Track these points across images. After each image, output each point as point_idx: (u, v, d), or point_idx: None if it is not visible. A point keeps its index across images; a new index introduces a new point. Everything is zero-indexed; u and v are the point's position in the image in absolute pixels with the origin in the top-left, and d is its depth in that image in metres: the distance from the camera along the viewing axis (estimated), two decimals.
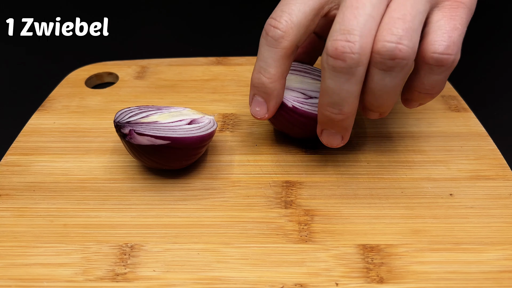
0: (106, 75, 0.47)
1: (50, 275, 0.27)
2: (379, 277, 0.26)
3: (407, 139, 0.37)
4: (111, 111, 0.41)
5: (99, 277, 0.27)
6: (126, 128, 0.30)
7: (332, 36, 0.26)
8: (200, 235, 0.29)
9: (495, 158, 0.35)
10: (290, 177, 0.33)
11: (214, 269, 0.27)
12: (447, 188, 0.32)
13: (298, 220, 0.30)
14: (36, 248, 0.28)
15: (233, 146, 0.36)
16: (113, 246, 0.28)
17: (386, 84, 0.27)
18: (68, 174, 0.34)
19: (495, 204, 0.31)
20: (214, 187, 0.33)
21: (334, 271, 0.27)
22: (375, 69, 0.26)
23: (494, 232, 0.29)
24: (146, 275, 0.27)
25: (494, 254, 0.28)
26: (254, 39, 0.56)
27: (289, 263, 0.27)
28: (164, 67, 0.47)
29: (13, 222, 0.30)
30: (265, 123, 0.39)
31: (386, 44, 0.25)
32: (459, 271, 0.27)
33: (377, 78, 0.27)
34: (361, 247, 0.28)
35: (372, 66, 0.26)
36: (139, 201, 0.31)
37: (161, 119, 0.31)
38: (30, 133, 0.38)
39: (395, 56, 0.25)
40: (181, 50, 0.52)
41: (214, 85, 0.44)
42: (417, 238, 0.29)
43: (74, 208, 0.31)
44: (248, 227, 0.30)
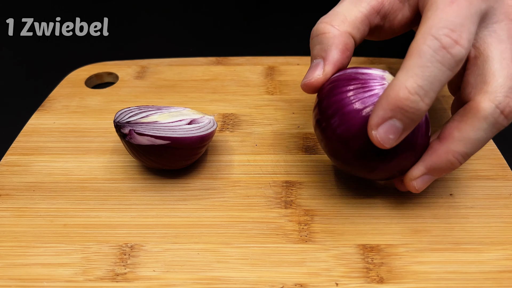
0: (106, 75, 0.47)
1: (50, 275, 0.27)
2: (379, 277, 0.26)
3: None
4: (111, 111, 0.41)
5: (99, 277, 0.27)
6: (126, 128, 0.30)
7: (501, 92, 0.25)
8: (200, 235, 0.29)
9: (495, 158, 0.35)
10: (290, 177, 0.33)
11: (214, 269, 0.27)
12: (447, 188, 0.32)
13: (298, 220, 0.30)
14: (36, 248, 0.28)
15: (233, 146, 0.36)
16: (113, 246, 0.28)
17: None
18: (68, 174, 0.34)
19: (495, 204, 0.31)
20: (214, 187, 0.33)
21: (334, 271, 0.27)
22: None
23: (494, 232, 0.29)
24: (146, 275, 0.27)
25: (494, 254, 0.28)
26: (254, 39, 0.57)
27: (289, 263, 0.27)
28: (164, 67, 0.47)
29: (13, 222, 0.30)
30: (265, 123, 0.39)
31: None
32: (459, 271, 0.27)
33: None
34: (361, 247, 0.28)
35: None
36: (139, 201, 0.31)
37: (161, 119, 0.31)
38: (30, 133, 0.38)
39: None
40: (181, 50, 0.52)
41: (214, 85, 0.44)
42: (417, 238, 0.29)
43: (74, 208, 0.31)
44: (248, 227, 0.30)
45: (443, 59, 0.23)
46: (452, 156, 0.26)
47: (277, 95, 0.43)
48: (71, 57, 0.52)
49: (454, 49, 0.23)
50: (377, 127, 0.24)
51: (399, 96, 0.23)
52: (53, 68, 0.49)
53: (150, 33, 0.58)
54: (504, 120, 0.25)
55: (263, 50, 0.51)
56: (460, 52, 0.23)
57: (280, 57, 0.48)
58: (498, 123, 0.25)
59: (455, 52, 0.23)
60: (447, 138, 0.26)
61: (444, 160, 0.27)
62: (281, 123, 0.39)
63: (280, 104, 0.41)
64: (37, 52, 0.54)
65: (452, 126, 0.26)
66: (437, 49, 0.23)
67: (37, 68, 0.51)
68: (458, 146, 0.26)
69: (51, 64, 0.51)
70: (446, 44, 0.23)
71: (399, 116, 0.24)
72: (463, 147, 0.26)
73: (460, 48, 0.23)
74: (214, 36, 0.57)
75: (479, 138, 0.26)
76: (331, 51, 0.28)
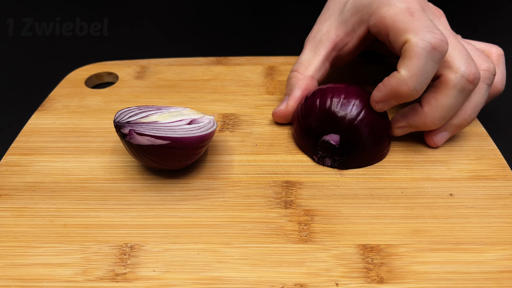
0: (106, 75, 0.47)
1: (50, 275, 0.27)
2: (379, 277, 0.26)
3: (407, 139, 0.37)
4: (111, 111, 0.41)
5: (99, 277, 0.27)
6: (126, 128, 0.30)
7: (461, 64, 0.31)
8: (200, 235, 0.29)
9: (495, 158, 0.35)
10: (290, 177, 0.33)
11: (214, 269, 0.27)
12: (447, 188, 0.32)
13: (298, 220, 0.30)
14: (36, 248, 0.28)
15: (233, 146, 0.36)
16: (113, 246, 0.28)
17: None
18: (68, 174, 0.34)
19: (495, 204, 0.31)
20: (214, 187, 0.33)
21: (334, 271, 0.27)
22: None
23: (494, 232, 0.29)
24: (146, 275, 0.27)
25: (494, 254, 0.28)
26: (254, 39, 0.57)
27: (289, 263, 0.27)
28: (164, 67, 0.47)
29: (13, 222, 0.30)
30: (265, 123, 0.39)
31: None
32: (459, 271, 0.27)
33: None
34: (361, 247, 0.28)
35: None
36: (139, 201, 0.31)
37: (161, 119, 0.31)
38: (30, 133, 0.38)
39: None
40: (181, 49, 0.52)
41: (214, 85, 0.44)
42: (417, 238, 0.29)
43: (74, 208, 0.31)
44: (248, 227, 0.30)
45: (434, 57, 0.30)
46: (430, 119, 0.33)
47: (277, 95, 0.43)
48: (71, 57, 0.52)
49: (441, 47, 0.29)
50: (376, 102, 0.33)
51: (399, 90, 0.31)
52: (53, 68, 0.49)
53: (150, 33, 0.58)
54: (470, 85, 0.31)
55: (263, 50, 0.51)
56: (445, 48, 0.30)
57: (280, 57, 0.48)
58: (466, 88, 0.31)
59: (442, 49, 0.30)
60: (425, 104, 0.33)
61: (422, 121, 0.33)
62: (281, 123, 0.39)
63: None
64: (37, 52, 0.54)
65: (430, 96, 0.32)
66: (429, 50, 0.29)
67: (37, 68, 0.51)
68: (434, 112, 0.32)
69: (51, 64, 0.51)
70: (435, 44, 0.29)
71: (395, 100, 0.32)
72: (439, 113, 0.32)
73: (444, 44, 0.30)
74: (214, 36, 0.57)
75: (451, 103, 0.32)
76: (294, 90, 0.37)
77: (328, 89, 0.34)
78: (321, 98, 0.34)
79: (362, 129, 0.33)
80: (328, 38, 0.37)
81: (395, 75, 0.31)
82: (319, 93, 0.35)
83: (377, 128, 0.33)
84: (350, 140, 0.33)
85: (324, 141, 0.33)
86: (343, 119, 0.33)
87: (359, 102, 0.33)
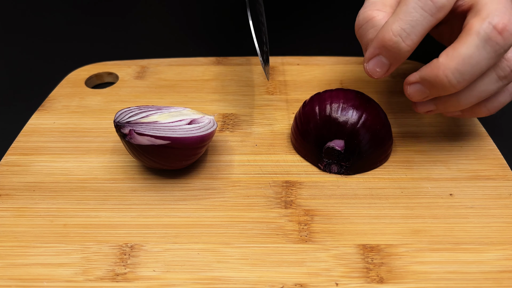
0: (106, 75, 0.47)
1: (50, 275, 0.27)
2: (379, 277, 0.26)
3: (407, 139, 0.37)
4: (111, 111, 0.41)
5: (99, 277, 0.27)
6: (126, 128, 0.30)
7: (495, 12, 0.26)
8: (200, 235, 0.29)
9: (495, 158, 0.35)
10: (290, 177, 0.33)
11: (214, 269, 0.27)
12: (447, 188, 0.32)
13: (298, 220, 0.30)
14: (36, 248, 0.28)
15: (233, 146, 0.36)
16: (113, 246, 0.28)
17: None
18: (68, 174, 0.34)
19: (495, 204, 0.31)
20: (214, 187, 0.33)
21: (334, 271, 0.27)
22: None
23: (494, 232, 0.29)
24: (146, 275, 0.27)
25: (494, 254, 0.28)
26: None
27: (289, 263, 0.27)
28: (164, 67, 0.47)
29: (13, 222, 0.30)
30: (265, 123, 0.39)
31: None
32: (459, 271, 0.27)
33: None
34: (361, 247, 0.28)
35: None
36: (139, 201, 0.31)
37: (161, 119, 0.31)
38: (30, 133, 0.38)
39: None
40: (181, 49, 0.52)
41: (214, 85, 0.44)
42: (417, 238, 0.29)
43: (74, 208, 0.31)
44: (248, 227, 0.30)
45: (424, 5, 0.26)
46: (442, 71, 0.27)
47: (277, 95, 0.43)
48: (71, 57, 0.52)
49: (503, 35, 0.25)
50: (368, 61, 0.29)
51: (384, 37, 0.28)
52: (53, 68, 0.49)
53: (150, 33, 0.58)
54: (497, 36, 0.26)
55: None
56: (440, 0, 0.26)
57: (280, 57, 0.48)
58: (491, 39, 0.26)
59: (502, 39, 0.26)
60: (442, 54, 0.28)
61: (435, 73, 0.27)
62: (281, 123, 0.39)
63: (280, 104, 0.41)
64: (37, 52, 0.54)
65: (449, 46, 0.27)
66: (487, 38, 0.26)
67: (37, 68, 0.50)
68: (449, 61, 0.27)
69: (51, 64, 0.51)
70: (495, 31, 0.25)
71: (384, 53, 0.28)
72: (454, 63, 0.27)
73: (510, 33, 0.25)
74: (214, 36, 0.57)
75: (471, 55, 0.26)
76: (395, 65, 0.29)
77: (326, 95, 0.34)
78: (320, 105, 0.34)
79: (365, 132, 0.32)
80: None
81: (383, 25, 0.28)
82: (317, 99, 0.34)
83: (379, 130, 0.33)
84: (355, 144, 0.32)
85: (329, 147, 0.33)
86: (345, 124, 0.32)
87: (358, 105, 0.33)
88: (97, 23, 0.60)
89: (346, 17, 0.35)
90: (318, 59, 0.48)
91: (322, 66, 0.47)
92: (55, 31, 0.58)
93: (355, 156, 0.33)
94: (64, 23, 0.60)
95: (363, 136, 0.32)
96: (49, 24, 0.60)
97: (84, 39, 0.57)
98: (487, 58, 0.26)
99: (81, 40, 0.56)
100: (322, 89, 0.43)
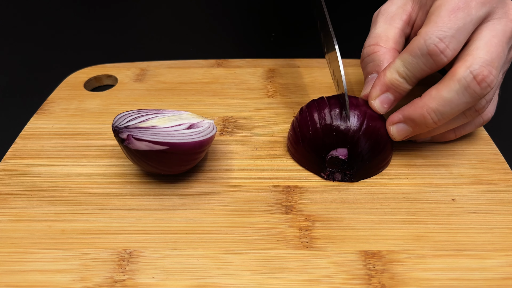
0: (105, 78, 0.46)
1: (47, 281, 0.26)
2: (381, 284, 0.26)
3: (409, 143, 0.36)
4: (110, 114, 0.40)
5: (97, 284, 0.26)
6: (124, 133, 0.29)
7: (478, 62, 0.29)
8: (200, 241, 0.29)
9: (497, 163, 0.34)
10: (290, 182, 0.33)
11: (213, 276, 0.27)
12: (449, 193, 0.32)
13: (299, 226, 0.30)
14: (34, 254, 0.28)
15: (233, 150, 0.36)
16: (112, 252, 0.28)
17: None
18: (67, 179, 0.33)
19: (498, 209, 0.31)
20: (213, 192, 0.32)
21: (336, 278, 0.26)
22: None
23: (497, 238, 0.29)
24: (145, 282, 0.26)
25: (497, 260, 0.27)
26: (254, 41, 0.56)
27: (290, 270, 0.27)
28: (163, 70, 0.47)
29: (10, 227, 0.30)
30: (266, 127, 0.38)
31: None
32: (462, 278, 0.26)
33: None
34: (362, 253, 0.28)
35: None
36: (138, 206, 0.31)
37: (160, 123, 0.31)
38: (29, 136, 0.38)
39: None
40: (181, 52, 0.52)
41: (214, 87, 0.44)
42: (419, 244, 0.28)
43: (72, 213, 0.31)
44: (248, 233, 0.29)
45: (426, 61, 0.30)
46: (426, 110, 0.30)
47: (277, 98, 0.42)
48: (70, 60, 0.51)
49: (438, 57, 0.29)
50: (375, 98, 0.33)
51: (392, 78, 0.31)
52: (51, 71, 0.49)
53: (150, 35, 0.58)
54: (476, 86, 0.29)
55: (263, 53, 0.51)
56: (442, 60, 0.29)
57: (281, 60, 0.48)
58: (470, 87, 0.29)
59: (437, 59, 0.29)
60: (425, 95, 0.31)
61: (419, 112, 0.31)
62: (282, 127, 0.38)
63: (280, 107, 0.41)
64: (36, 54, 0.54)
65: (432, 87, 0.30)
66: (424, 53, 0.29)
67: (36, 71, 0.50)
68: (432, 102, 0.30)
69: (50, 67, 0.51)
70: (432, 51, 0.29)
71: (391, 91, 0.32)
72: (436, 104, 0.30)
73: (443, 57, 0.29)
74: (214, 38, 0.57)
75: (451, 98, 0.29)
76: (383, 65, 0.33)
77: (323, 102, 0.34)
78: (319, 113, 0.33)
79: (367, 138, 0.32)
80: (403, 11, 0.35)
81: (389, 65, 0.31)
82: (314, 107, 0.34)
83: (381, 135, 0.33)
84: (358, 152, 0.32)
85: (332, 157, 0.32)
86: (347, 132, 0.32)
87: (358, 112, 0.32)
88: (96, 25, 0.60)
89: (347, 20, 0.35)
90: (319, 62, 0.47)
91: (323, 68, 0.46)
92: (54, 33, 0.58)
93: (359, 163, 0.32)
94: (62, 26, 0.60)
95: (366, 143, 0.32)
96: (48, 27, 0.59)
97: (83, 41, 0.56)
98: (465, 102, 0.30)
99: (80, 42, 0.56)
100: (323, 92, 0.43)
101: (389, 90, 0.32)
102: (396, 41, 0.34)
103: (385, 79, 0.32)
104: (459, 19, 0.29)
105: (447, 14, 0.29)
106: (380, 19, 0.35)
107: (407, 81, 0.31)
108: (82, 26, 0.60)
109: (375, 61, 0.34)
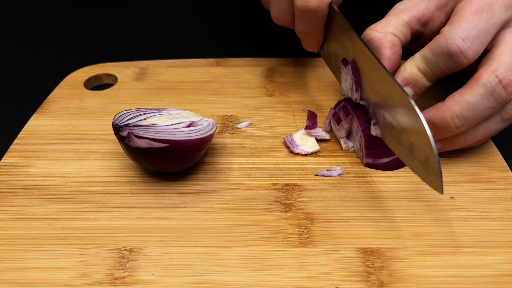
0: (105, 77, 0.47)
1: (48, 279, 0.27)
2: (380, 281, 0.26)
3: None
4: (110, 113, 0.40)
5: (97, 281, 0.26)
6: (124, 131, 0.30)
7: (504, 67, 0.29)
8: (199, 239, 0.29)
9: (496, 161, 0.35)
10: (289, 180, 0.33)
11: (213, 273, 0.27)
12: (447, 191, 0.32)
13: (298, 223, 0.30)
14: (34, 251, 0.28)
15: (233, 148, 0.36)
16: (112, 250, 0.28)
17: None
18: (67, 177, 0.34)
19: (496, 207, 0.31)
20: (213, 190, 0.32)
21: (334, 275, 0.27)
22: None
23: (495, 236, 0.29)
24: (145, 279, 0.27)
25: (495, 257, 0.27)
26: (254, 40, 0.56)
27: (289, 267, 0.27)
28: (163, 69, 0.47)
29: (11, 225, 0.30)
30: (265, 125, 0.39)
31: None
32: (460, 275, 0.27)
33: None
34: (361, 251, 0.28)
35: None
36: (138, 204, 0.31)
37: (160, 121, 0.31)
38: (29, 135, 0.38)
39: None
40: (180, 51, 0.52)
41: (214, 86, 0.44)
42: (418, 242, 0.28)
43: (72, 211, 0.31)
44: (248, 230, 0.29)
45: (445, 60, 0.30)
46: (448, 114, 0.30)
47: (277, 97, 0.42)
48: (70, 59, 0.51)
49: (458, 58, 0.29)
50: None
51: (411, 72, 0.31)
52: (51, 70, 0.49)
53: (149, 34, 0.58)
54: (501, 91, 0.29)
55: (263, 52, 0.51)
56: (462, 62, 0.29)
57: (280, 59, 0.48)
58: (495, 92, 0.29)
59: (458, 60, 0.29)
60: (448, 99, 0.30)
61: (441, 116, 0.30)
62: (281, 125, 0.39)
63: (280, 106, 0.41)
64: (36, 53, 0.54)
65: (456, 91, 0.30)
66: (444, 52, 0.29)
67: (36, 70, 0.50)
68: (455, 106, 0.29)
69: (50, 66, 0.51)
70: (453, 51, 0.29)
71: (410, 85, 0.32)
72: (459, 108, 0.29)
73: (463, 58, 0.29)
74: (214, 37, 0.57)
75: (475, 103, 0.29)
76: (382, 51, 0.32)
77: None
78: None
79: None
80: (416, 7, 0.34)
81: (409, 61, 0.31)
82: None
83: None
84: None
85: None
86: None
87: None
88: (96, 24, 0.60)
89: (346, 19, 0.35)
90: (318, 60, 0.47)
91: (322, 67, 0.46)
92: (54, 32, 0.58)
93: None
94: (62, 25, 0.60)
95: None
96: (48, 26, 0.60)
97: (83, 40, 0.56)
98: (490, 107, 0.29)
99: (80, 41, 0.56)
100: (323, 91, 0.43)
101: (409, 84, 0.32)
102: (395, 28, 0.33)
103: (405, 72, 0.32)
104: (483, 20, 0.29)
105: (471, 14, 0.29)
106: (390, 12, 0.35)
107: (426, 77, 0.31)
108: (83, 25, 0.60)
109: (372, 48, 0.33)
